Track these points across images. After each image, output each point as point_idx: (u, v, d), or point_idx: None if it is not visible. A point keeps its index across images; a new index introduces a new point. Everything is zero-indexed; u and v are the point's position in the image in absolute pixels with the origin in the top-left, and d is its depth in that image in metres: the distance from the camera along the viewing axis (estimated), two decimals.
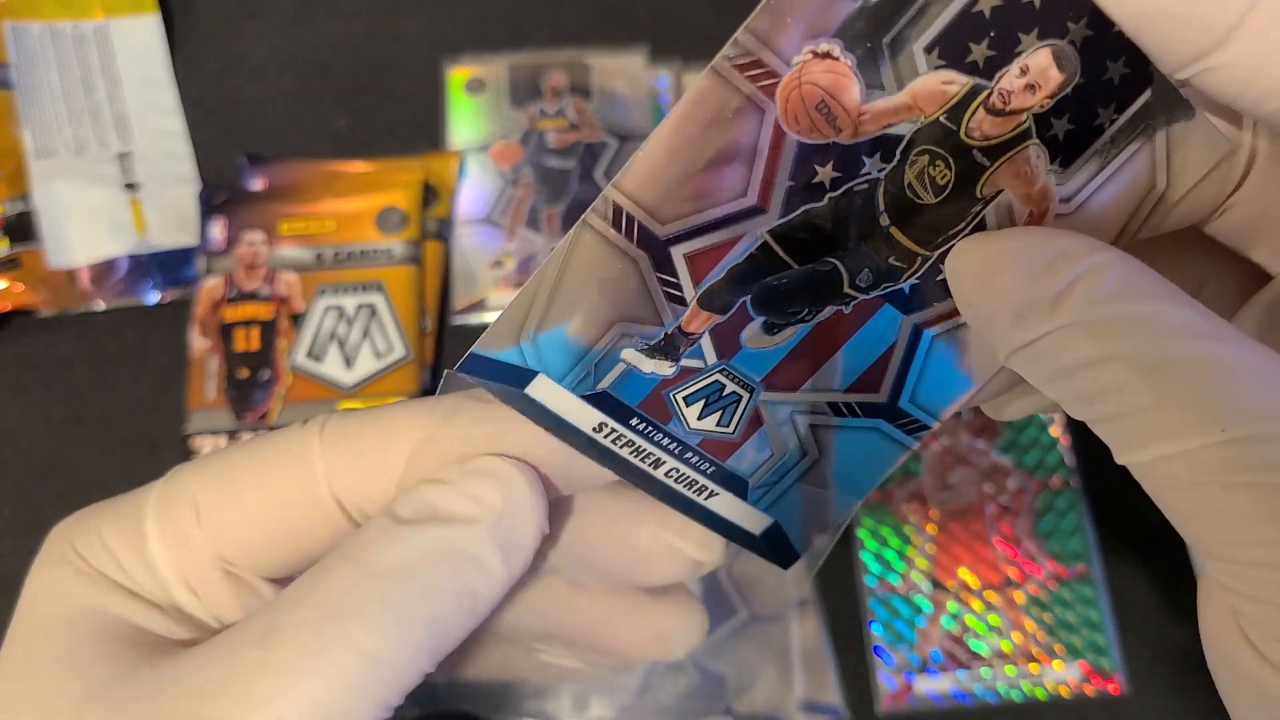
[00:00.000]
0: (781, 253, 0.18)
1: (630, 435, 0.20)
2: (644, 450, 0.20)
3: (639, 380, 0.19)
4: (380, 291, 0.49)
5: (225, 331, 0.49)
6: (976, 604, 0.45)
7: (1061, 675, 0.44)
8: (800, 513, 0.21)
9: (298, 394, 0.48)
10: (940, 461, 0.47)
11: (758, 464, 0.20)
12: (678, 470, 0.20)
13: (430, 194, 0.51)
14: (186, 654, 0.19)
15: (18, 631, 0.19)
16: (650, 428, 0.20)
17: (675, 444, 0.20)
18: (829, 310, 0.18)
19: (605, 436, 0.20)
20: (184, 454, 0.47)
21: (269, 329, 0.49)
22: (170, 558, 0.20)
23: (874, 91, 0.16)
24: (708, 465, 0.20)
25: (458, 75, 0.54)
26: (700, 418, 0.20)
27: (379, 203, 0.51)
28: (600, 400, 0.19)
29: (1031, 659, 0.44)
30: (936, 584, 0.45)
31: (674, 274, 0.18)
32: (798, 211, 0.17)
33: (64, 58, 0.54)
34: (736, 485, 0.21)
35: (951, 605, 0.45)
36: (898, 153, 0.17)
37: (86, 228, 0.51)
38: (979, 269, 0.17)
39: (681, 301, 0.18)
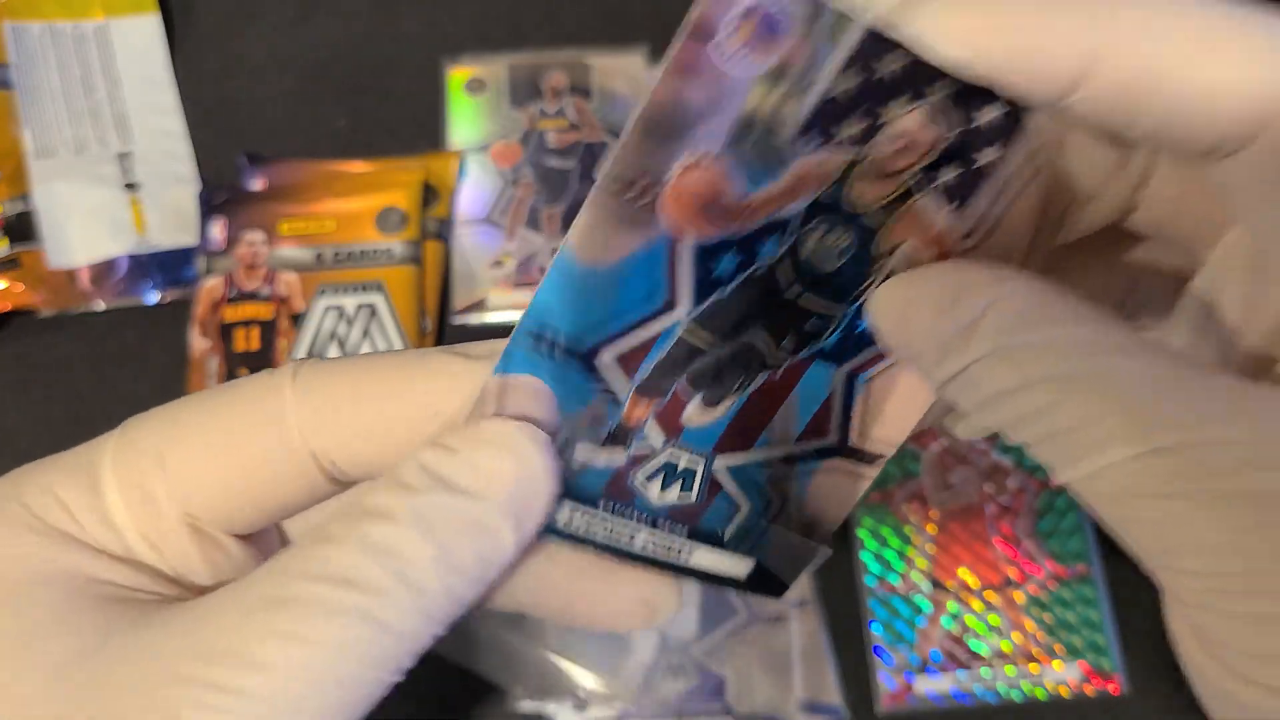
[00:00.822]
0: (704, 336, 0.19)
1: (599, 517, 0.21)
2: (616, 528, 0.21)
3: (597, 472, 0.20)
4: (380, 291, 0.49)
5: (225, 331, 0.49)
6: (976, 604, 0.45)
7: (1061, 675, 0.44)
8: (781, 549, 0.22)
9: None
10: (940, 461, 0.47)
11: (727, 519, 0.21)
12: (652, 540, 0.21)
13: (430, 194, 0.51)
14: (178, 614, 0.18)
15: None
16: (619, 506, 0.21)
17: (645, 516, 0.21)
18: (761, 377, 0.19)
19: (575, 525, 0.21)
20: None
21: (269, 329, 0.49)
22: (131, 513, 0.19)
23: (755, 184, 0.17)
24: (680, 528, 0.21)
25: (458, 75, 0.54)
26: (662, 491, 0.21)
27: (379, 203, 0.51)
28: (565, 494, 0.20)
29: (1031, 659, 0.44)
30: (936, 584, 0.45)
31: (604, 379, 0.19)
32: (709, 301, 0.19)
33: (64, 58, 0.54)
34: (712, 539, 0.21)
35: (951, 605, 0.45)
36: (789, 232, 0.18)
37: (86, 228, 0.51)
38: (896, 314, 0.18)
39: (616, 401, 0.20)
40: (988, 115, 0.17)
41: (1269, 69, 0.15)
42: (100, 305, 0.51)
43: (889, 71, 0.16)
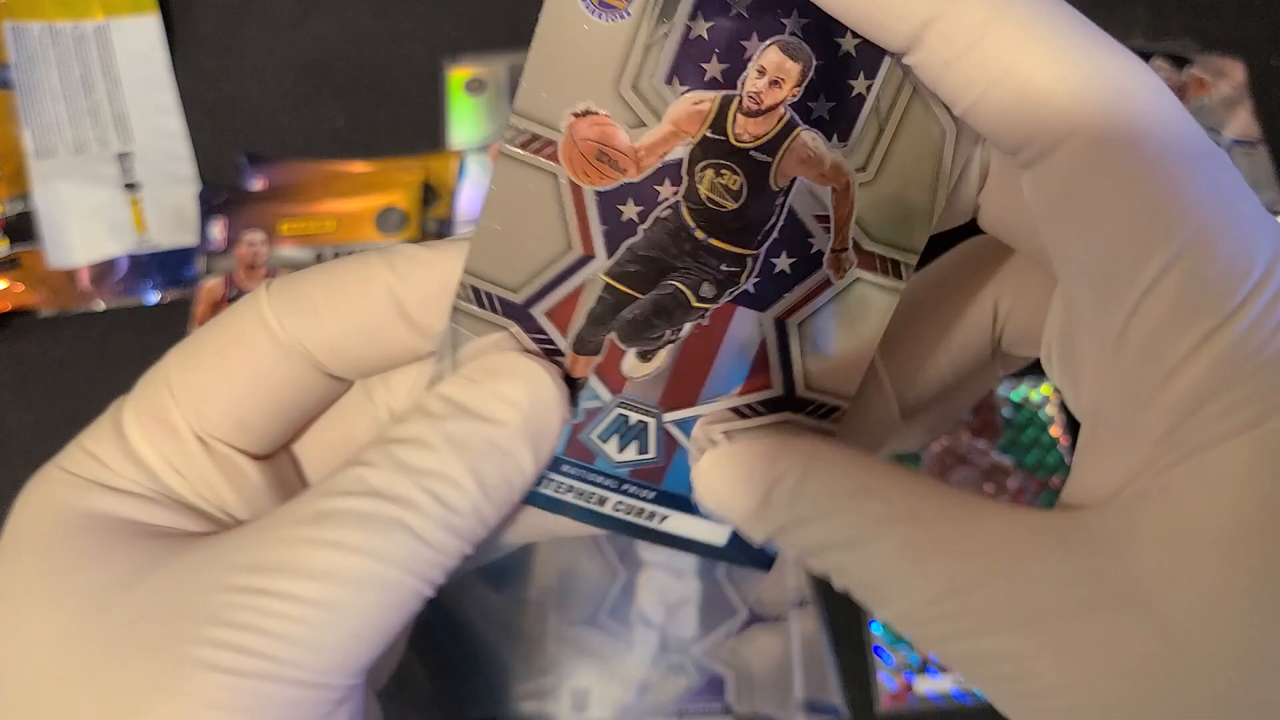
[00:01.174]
0: (623, 288, 0.19)
1: (568, 481, 0.21)
2: (585, 492, 0.21)
3: None
4: None
5: None
6: None
7: None
8: None
9: None
10: (940, 461, 0.47)
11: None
12: (622, 503, 0.22)
13: (430, 194, 0.51)
14: (218, 539, 0.19)
15: (13, 547, 0.19)
16: (581, 469, 0.21)
17: (609, 479, 0.21)
18: (689, 327, 0.20)
19: (545, 486, 0.21)
20: None
21: None
22: (152, 443, 0.20)
23: (639, 130, 0.18)
24: (647, 492, 0.21)
25: (458, 75, 0.54)
26: (621, 450, 0.21)
27: (379, 203, 0.51)
28: None
29: None
30: None
31: (543, 331, 0.20)
32: (621, 249, 0.19)
33: (64, 58, 0.54)
34: (682, 504, 0.21)
35: None
36: (683, 174, 0.18)
37: (86, 228, 0.51)
38: (713, 492, 0.20)
39: (559, 353, 0.20)
40: (851, 42, 0.17)
41: (1085, 76, 0.15)
42: (100, 305, 0.51)
43: (744, 6, 0.16)
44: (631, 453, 0.21)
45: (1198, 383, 0.15)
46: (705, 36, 0.17)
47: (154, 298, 0.51)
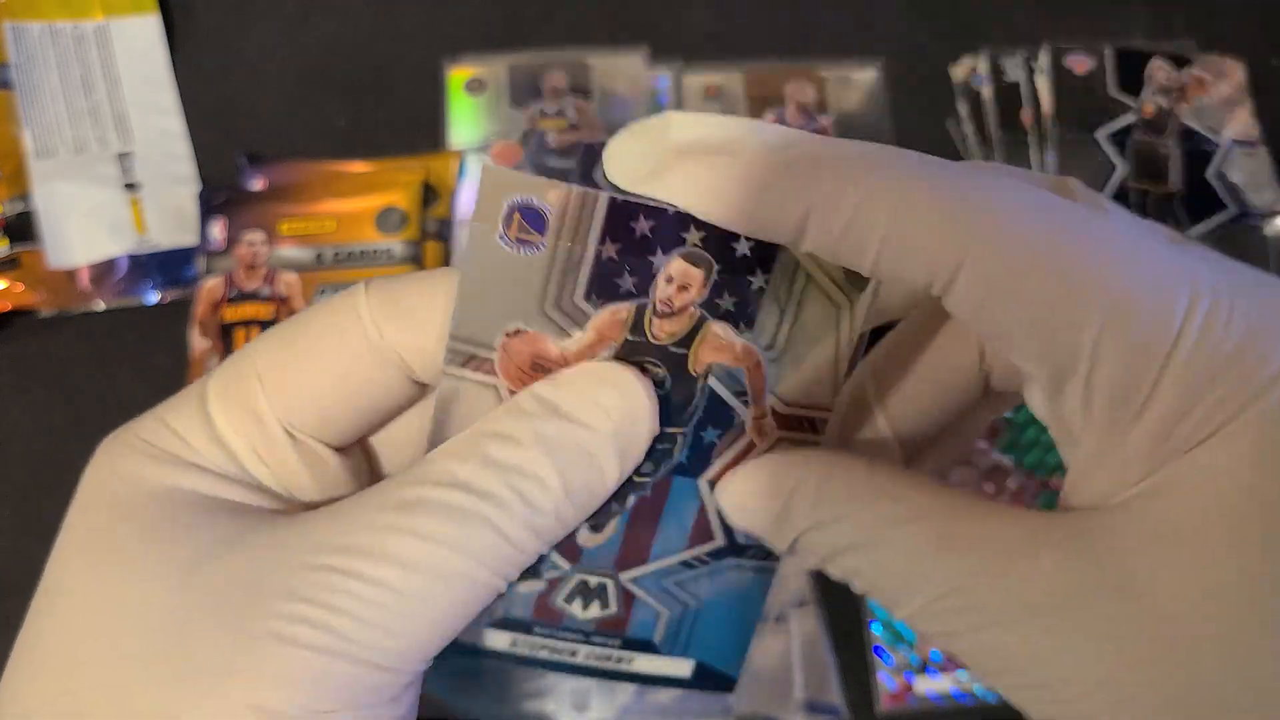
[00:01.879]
0: None
1: (539, 640, 0.23)
2: (556, 647, 0.24)
3: (523, 599, 0.23)
4: None
5: (225, 331, 0.49)
6: None
7: None
8: (715, 645, 0.24)
9: None
10: None
11: (653, 626, 0.23)
12: (592, 652, 0.24)
13: (430, 194, 0.51)
14: (306, 517, 0.19)
15: (97, 508, 0.19)
16: (552, 629, 0.23)
17: (578, 634, 0.23)
18: (633, 499, 0.21)
19: (520, 648, 0.24)
20: None
21: (269, 329, 0.48)
22: (238, 430, 0.20)
23: (567, 339, 0.20)
24: (613, 640, 0.24)
25: (458, 75, 0.54)
26: (585, 609, 0.23)
27: (379, 203, 0.51)
28: (503, 624, 0.23)
29: None
30: None
31: None
32: None
33: (64, 58, 0.54)
34: (646, 647, 0.24)
35: None
36: None
37: (86, 228, 0.51)
38: (737, 505, 0.21)
39: None
40: (746, 245, 0.19)
41: (950, 211, 0.17)
42: (100, 305, 0.51)
43: (647, 227, 0.18)
44: (595, 610, 0.23)
45: (1167, 407, 0.16)
46: (615, 257, 0.19)
47: (154, 298, 0.51)
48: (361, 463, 0.22)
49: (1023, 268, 0.16)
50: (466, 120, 0.54)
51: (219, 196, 0.51)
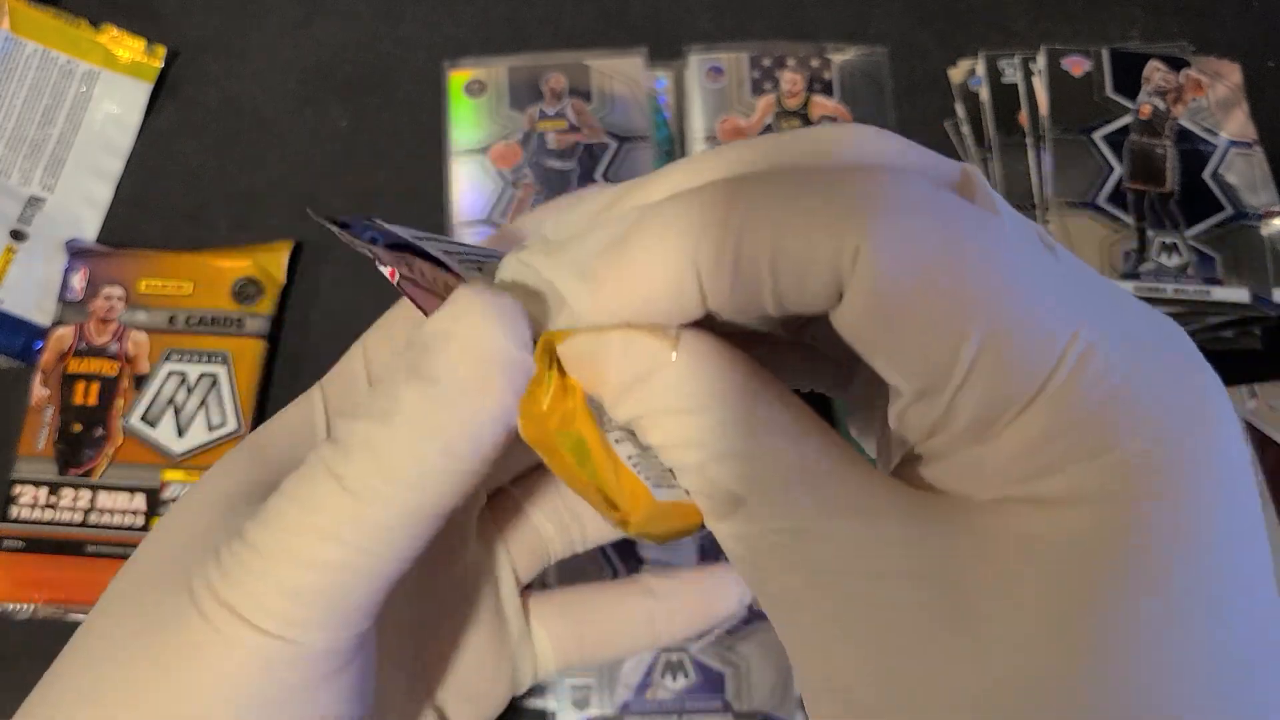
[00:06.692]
0: None
1: None
2: None
3: None
4: (225, 364, 0.48)
5: (66, 383, 0.48)
6: None
7: None
8: None
9: (126, 455, 0.46)
10: None
11: None
12: None
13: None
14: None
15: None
16: None
17: None
18: None
19: None
20: (4, 501, 0.46)
21: (109, 386, 0.48)
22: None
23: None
24: None
25: (458, 77, 0.55)
26: None
27: (239, 272, 0.50)
28: None
29: None
30: None
31: None
32: None
33: (41, 83, 0.53)
34: None
35: None
36: None
37: None
38: (586, 353, 0.18)
39: None
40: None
41: (847, 244, 0.16)
42: None
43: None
44: None
45: (1032, 431, 0.16)
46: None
47: None
48: None
49: (906, 288, 0.16)
50: (467, 122, 0.54)
51: (85, 244, 0.51)
